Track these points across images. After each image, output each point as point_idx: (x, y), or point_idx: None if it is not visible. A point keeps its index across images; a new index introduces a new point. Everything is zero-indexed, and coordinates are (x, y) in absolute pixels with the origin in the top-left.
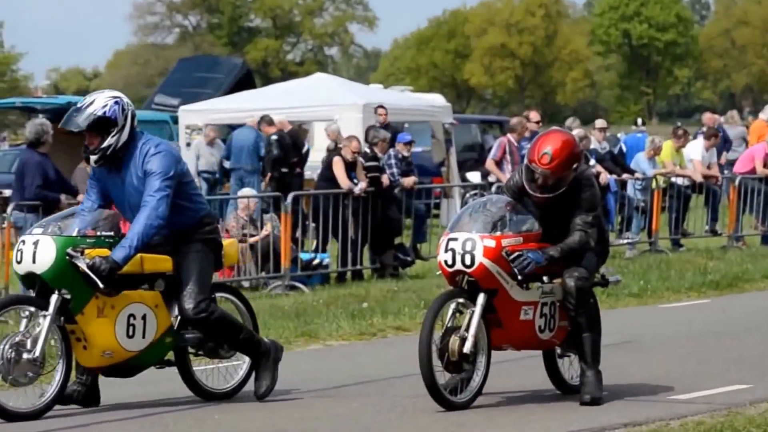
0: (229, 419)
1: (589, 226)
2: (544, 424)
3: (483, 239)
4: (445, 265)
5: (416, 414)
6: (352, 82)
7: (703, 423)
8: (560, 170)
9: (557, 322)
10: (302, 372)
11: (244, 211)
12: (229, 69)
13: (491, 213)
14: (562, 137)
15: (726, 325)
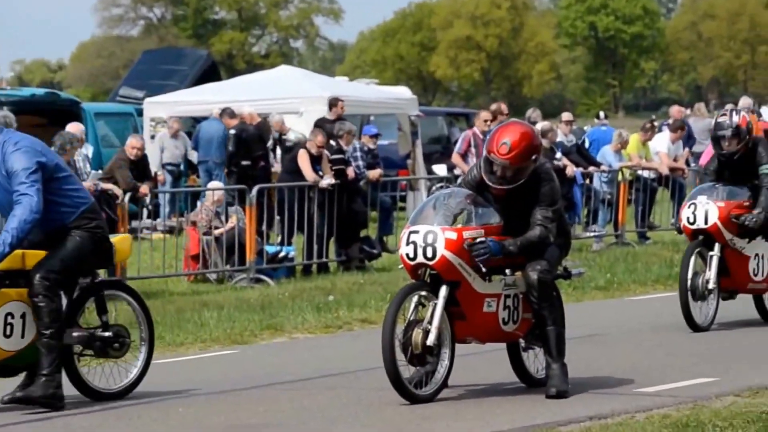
0: (192, 412)
1: (548, 221)
2: (509, 418)
3: (444, 231)
4: (406, 258)
5: (382, 407)
6: (317, 75)
7: (669, 416)
8: (519, 161)
9: (521, 315)
10: (267, 365)
11: (214, 204)
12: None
13: (452, 205)
14: (521, 128)
15: None
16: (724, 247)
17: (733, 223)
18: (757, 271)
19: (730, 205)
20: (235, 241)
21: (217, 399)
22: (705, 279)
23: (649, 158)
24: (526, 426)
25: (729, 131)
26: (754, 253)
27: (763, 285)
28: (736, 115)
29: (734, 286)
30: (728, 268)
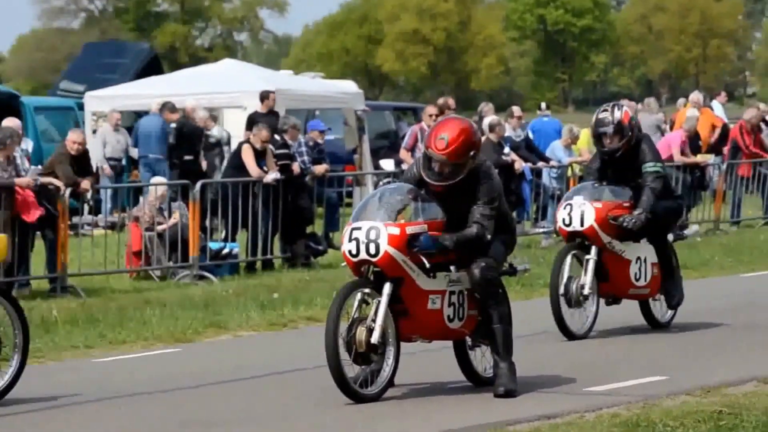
0: (131, 412)
1: (486, 218)
2: (457, 417)
3: (387, 227)
4: (349, 255)
5: (328, 406)
6: (262, 69)
7: (619, 415)
8: (456, 156)
9: (466, 312)
10: (211, 363)
11: (157, 200)
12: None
13: (395, 201)
14: (459, 124)
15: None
16: (602, 251)
17: (611, 224)
18: (639, 276)
19: (609, 205)
20: (178, 237)
21: (161, 398)
22: (580, 284)
23: None
24: (474, 425)
25: (610, 128)
26: (635, 257)
27: (646, 290)
28: (618, 111)
29: (614, 291)
30: (607, 272)
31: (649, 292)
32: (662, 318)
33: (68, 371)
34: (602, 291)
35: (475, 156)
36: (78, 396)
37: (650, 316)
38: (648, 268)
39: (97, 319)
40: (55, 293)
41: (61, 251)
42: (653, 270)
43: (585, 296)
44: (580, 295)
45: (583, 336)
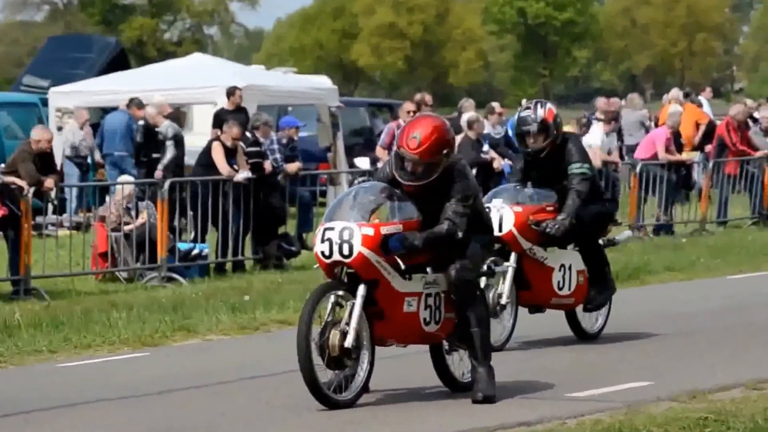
0: (101, 417)
1: (458, 216)
2: (434, 423)
3: (361, 227)
4: (322, 256)
5: (300, 412)
6: (232, 63)
7: (601, 422)
8: (429, 156)
9: (443, 315)
10: (180, 368)
11: (125, 199)
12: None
13: (369, 200)
14: (432, 122)
15: (625, 319)
16: (523, 257)
17: (532, 230)
18: (563, 284)
19: (530, 209)
20: (146, 237)
21: (127, 404)
22: (498, 293)
23: None
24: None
25: (534, 126)
26: (559, 264)
27: (570, 300)
28: (541, 108)
29: (535, 300)
30: (528, 280)
31: (573, 301)
32: (590, 328)
33: (32, 377)
34: (523, 300)
35: (448, 154)
36: (41, 402)
37: (577, 326)
38: (573, 276)
39: (61, 323)
40: (17, 296)
41: (24, 252)
42: (579, 278)
43: (502, 306)
44: (497, 304)
45: (499, 348)
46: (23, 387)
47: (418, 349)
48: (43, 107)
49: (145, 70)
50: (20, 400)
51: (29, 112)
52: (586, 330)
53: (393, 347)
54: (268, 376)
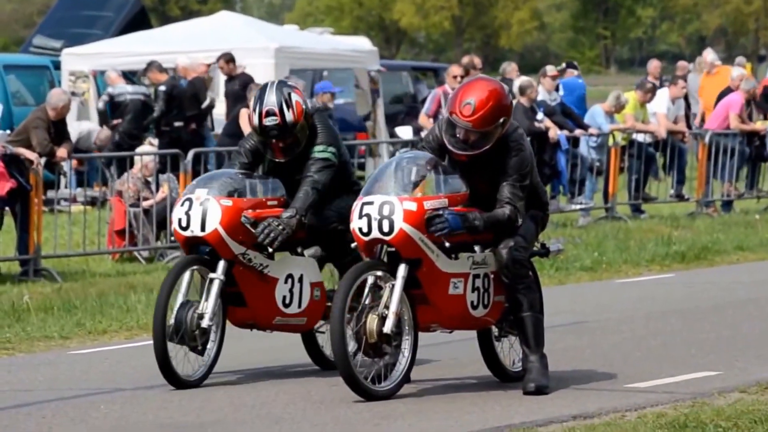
0: (116, 410)
1: (517, 198)
2: (481, 417)
3: (403, 202)
4: (359, 233)
5: (334, 404)
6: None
7: (665, 415)
8: (484, 124)
9: (492, 298)
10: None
11: (144, 172)
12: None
13: (411, 172)
14: (488, 86)
15: (692, 303)
16: (234, 265)
17: (246, 230)
18: (291, 300)
19: (243, 203)
20: (167, 214)
21: (145, 395)
22: (198, 312)
23: (646, 121)
24: (500, 426)
25: (275, 132)
26: (285, 275)
27: (301, 320)
28: (286, 91)
29: (253, 320)
30: (242, 294)
31: (305, 322)
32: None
33: (41, 365)
34: (236, 319)
35: (504, 123)
36: (51, 393)
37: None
38: (305, 289)
39: (74, 306)
40: (27, 277)
41: (33, 230)
42: (314, 293)
43: (203, 330)
44: (196, 327)
45: (194, 384)
46: (32, 376)
47: (464, 336)
48: (55, 71)
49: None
50: (29, 390)
51: (40, 75)
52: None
53: (437, 333)
54: (298, 365)
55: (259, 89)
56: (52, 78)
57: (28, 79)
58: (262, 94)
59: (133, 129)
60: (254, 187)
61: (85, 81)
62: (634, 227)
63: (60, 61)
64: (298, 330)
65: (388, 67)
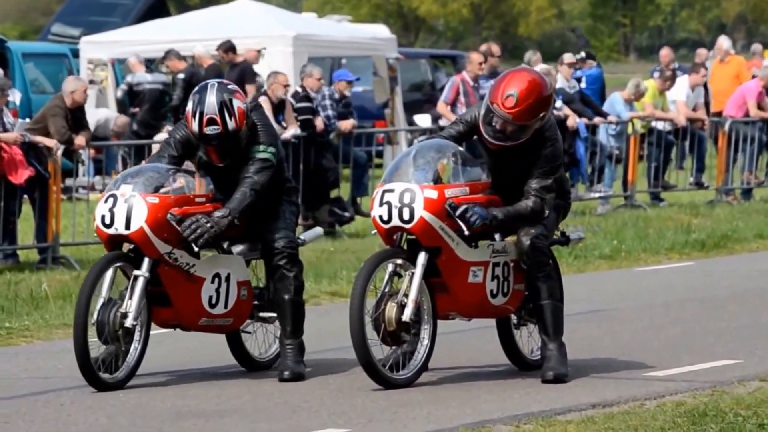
0: (134, 398)
1: (546, 191)
2: (499, 405)
3: (423, 190)
4: (380, 221)
5: (352, 392)
6: (281, 11)
7: (684, 404)
8: (524, 117)
9: (512, 286)
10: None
11: None
12: None
13: (432, 159)
14: (532, 78)
15: (712, 291)
16: (160, 264)
17: (172, 227)
18: (217, 300)
19: (169, 201)
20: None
21: (164, 383)
22: (121, 312)
23: (665, 108)
24: (518, 414)
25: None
26: (212, 274)
27: (227, 320)
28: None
29: (178, 320)
30: (168, 295)
31: (231, 322)
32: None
33: (60, 352)
34: (159, 319)
35: (543, 118)
36: (69, 380)
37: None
38: (232, 289)
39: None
40: (45, 265)
41: (52, 218)
42: (241, 292)
43: (127, 330)
44: (119, 327)
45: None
46: (51, 363)
47: (483, 324)
48: (74, 59)
49: (185, 17)
50: (48, 378)
51: (58, 63)
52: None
53: (456, 321)
54: (317, 353)
55: (197, 92)
56: (70, 66)
57: (46, 67)
58: (202, 97)
59: (150, 119)
60: (188, 182)
61: (104, 69)
62: (654, 215)
63: (78, 49)
64: (224, 330)
65: (406, 55)
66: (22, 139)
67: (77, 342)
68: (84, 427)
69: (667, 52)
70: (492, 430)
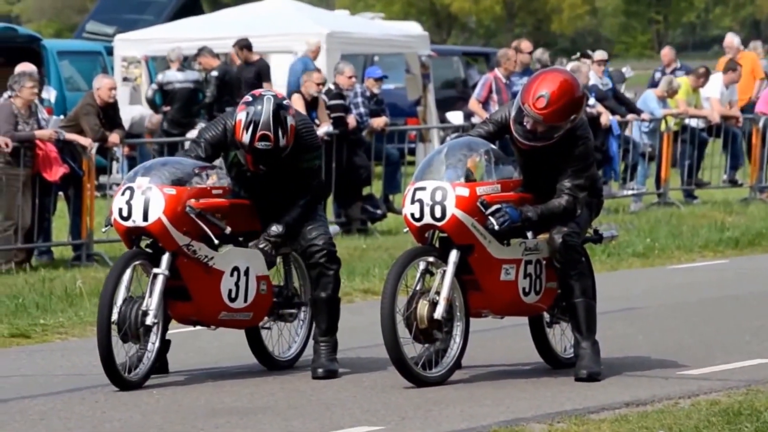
0: (168, 395)
1: (579, 189)
2: (532, 403)
3: (455, 188)
4: (411, 218)
5: (385, 390)
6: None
7: (718, 402)
8: (555, 118)
9: (544, 284)
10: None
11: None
12: None
13: (464, 157)
14: (564, 78)
15: (746, 288)
16: (178, 257)
17: (190, 218)
18: (236, 294)
19: (188, 191)
20: None
21: (198, 380)
22: (141, 309)
23: (699, 106)
24: (551, 413)
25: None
26: (231, 267)
27: (247, 315)
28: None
29: (198, 316)
30: (187, 288)
31: (252, 317)
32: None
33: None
34: (177, 314)
35: (575, 120)
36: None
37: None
38: (252, 282)
39: None
40: (79, 262)
41: (86, 215)
42: (260, 286)
43: (147, 327)
44: (140, 324)
45: (137, 384)
46: (86, 360)
47: (515, 321)
48: (108, 56)
49: (218, 15)
50: (82, 375)
51: (93, 61)
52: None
53: (488, 319)
54: (349, 350)
55: (252, 102)
56: (104, 63)
57: (81, 64)
58: (257, 110)
59: (181, 117)
60: (213, 179)
61: (138, 66)
62: (687, 213)
63: (113, 47)
64: (243, 325)
65: (438, 52)
66: (57, 136)
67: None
68: (119, 424)
69: (668, 52)
70: (525, 429)
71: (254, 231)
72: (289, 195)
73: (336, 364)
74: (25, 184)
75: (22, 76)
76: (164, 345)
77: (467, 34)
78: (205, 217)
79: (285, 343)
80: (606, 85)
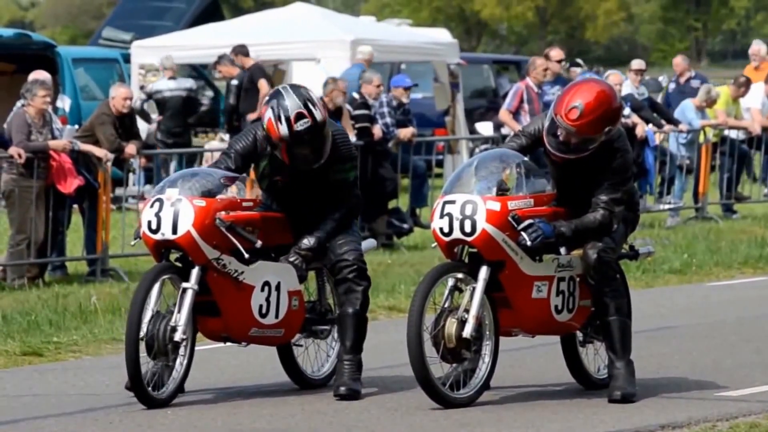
0: (184, 416)
1: (615, 203)
2: (564, 425)
3: (486, 201)
4: (440, 233)
5: (410, 411)
6: (338, 14)
7: (758, 425)
8: (589, 130)
9: (577, 302)
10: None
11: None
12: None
13: (495, 170)
14: (599, 88)
15: None
16: (207, 271)
17: (221, 232)
18: (267, 310)
19: (218, 203)
20: None
21: (215, 400)
22: (170, 326)
23: (739, 116)
24: None
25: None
26: (261, 282)
27: (279, 331)
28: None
29: (227, 331)
30: (217, 303)
31: (283, 333)
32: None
33: (109, 368)
34: (207, 330)
35: (610, 132)
36: (118, 397)
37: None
38: (283, 298)
39: None
40: (94, 277)
41: (101, 228)
42: (292, 302)
43: (176, 343)
44: (169, 341)
45: (164, 403)
46: (100, 379)
47: (547, 340)
48: (125, 63)
49: (239, 21)
50: (96, 395)
51: (109, 69)
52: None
53: (519, 338)
54: (373, 370)
55: (272, 98)
56: (121, 71)
57: (97, 72)
58: (280, 101)
59: (173, 126)
60: (233, 190)
61: (155, 74)
62: (726, 228)
63: (130, 54)
64: (275, 342)
65: (468, 60)
66: (71, 146)
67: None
68: None
69: (680, 61)
70: None
71: (286, 245)
72: (322, 208)
73: (359, 384)
74: (39, 197)
75: (35, 84)
76: (191, 362)
77: (498, 42)
78: (236, 230)
79: (318, 361)
80: (642, 94)
